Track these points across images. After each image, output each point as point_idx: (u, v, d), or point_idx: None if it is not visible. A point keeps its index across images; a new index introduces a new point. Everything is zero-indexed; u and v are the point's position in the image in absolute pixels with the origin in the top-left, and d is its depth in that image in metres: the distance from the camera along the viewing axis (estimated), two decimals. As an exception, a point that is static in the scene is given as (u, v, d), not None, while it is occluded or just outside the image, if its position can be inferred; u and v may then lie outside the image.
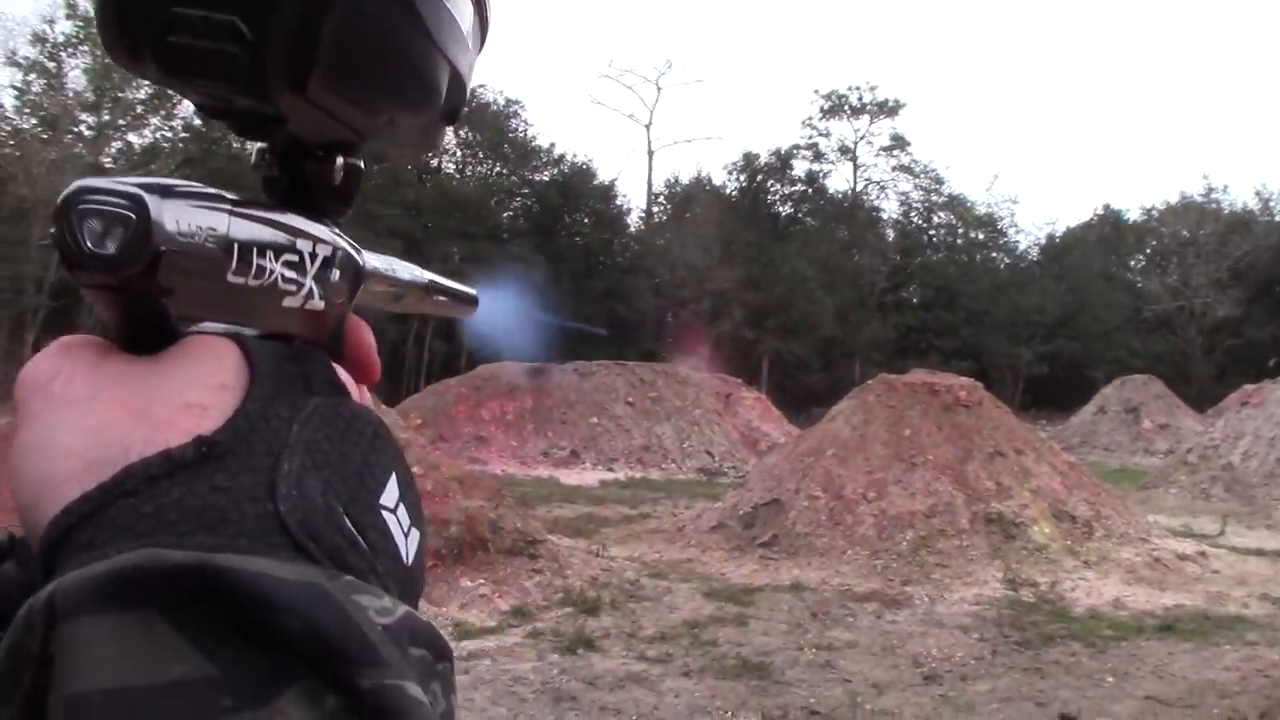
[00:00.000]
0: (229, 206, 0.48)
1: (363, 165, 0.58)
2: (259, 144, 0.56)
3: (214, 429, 0.44)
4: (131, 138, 42.94)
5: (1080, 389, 49.11)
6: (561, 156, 60.58)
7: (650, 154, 67.50)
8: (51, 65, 40.29)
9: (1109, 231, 65.67)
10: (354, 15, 0.48)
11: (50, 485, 0.43)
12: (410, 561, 0.49)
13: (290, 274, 0.51)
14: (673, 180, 66.94)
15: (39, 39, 40.10)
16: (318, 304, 0.54)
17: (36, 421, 0.45)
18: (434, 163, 56.39)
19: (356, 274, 0.58)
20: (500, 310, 0.97)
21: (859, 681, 8.22)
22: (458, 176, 58.04)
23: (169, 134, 44.30)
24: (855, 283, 59.36)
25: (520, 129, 59.63)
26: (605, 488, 22.15)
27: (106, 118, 40.80)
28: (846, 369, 51.44)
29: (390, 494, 0.49)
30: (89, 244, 0.43)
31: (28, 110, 40.62)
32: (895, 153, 65.50)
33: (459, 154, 58.82)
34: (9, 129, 40.04)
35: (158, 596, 0.37)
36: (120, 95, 40.51)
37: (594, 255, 58.26)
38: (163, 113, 43.16)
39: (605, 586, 10.65)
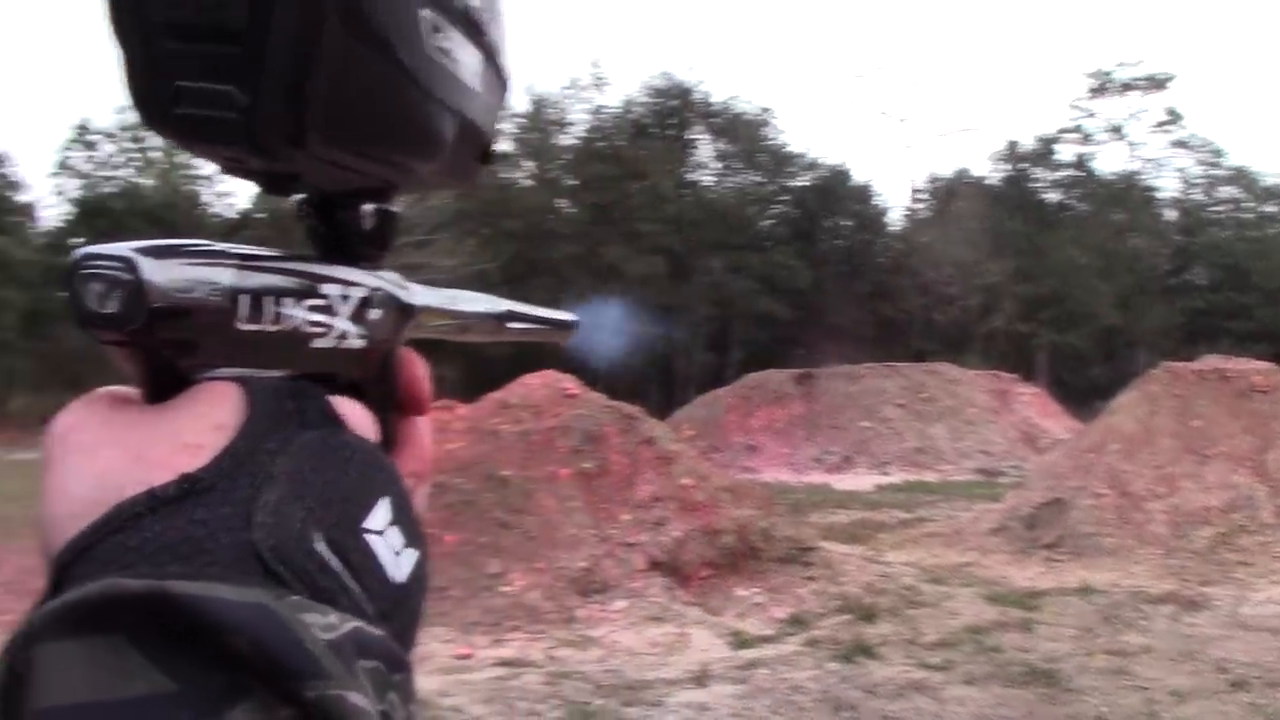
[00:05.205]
0: (236, 261, 0.52)
1: (395, 210, 0.62)
2: (299, 196, 0.61)
3: (201, 467, 0.47)
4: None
5: (1401, 366, 44.99)
6: (816, 161, 60.46)
7: (908, 150, 66.39)
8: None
9: None
10: (338, 74, 0.51)
11: (58, 526, 0.47)
12: (404, 579, 0.52)
13: (317, 317, 0.56)
14: (933, 175, 65.70)
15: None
16: (357, 343, 0.58)
17: (54, 469, 0.49)
18: (692, 176, 57.20)
19: (401, 311, 0.63)
20: (604, 330, 1.01)
21: (1156, 689, 7.82)
22: (716, 189, 58.62)
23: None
24: (1134, 267, 56.29)
25: (774, 136, 59.79)
26: (880, 492, 21.86)
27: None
28: (1130, 359, 49.03)
29: (378, 517, 0.52)
30: (93, 305, 0.48)
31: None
32: (1169, 128, 61.84)
33: (716, 166, 59.52)
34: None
35: (124, 622, 0.40)
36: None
37: (856, 257, 57.75)
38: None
39: (882, 593, 10.52)
